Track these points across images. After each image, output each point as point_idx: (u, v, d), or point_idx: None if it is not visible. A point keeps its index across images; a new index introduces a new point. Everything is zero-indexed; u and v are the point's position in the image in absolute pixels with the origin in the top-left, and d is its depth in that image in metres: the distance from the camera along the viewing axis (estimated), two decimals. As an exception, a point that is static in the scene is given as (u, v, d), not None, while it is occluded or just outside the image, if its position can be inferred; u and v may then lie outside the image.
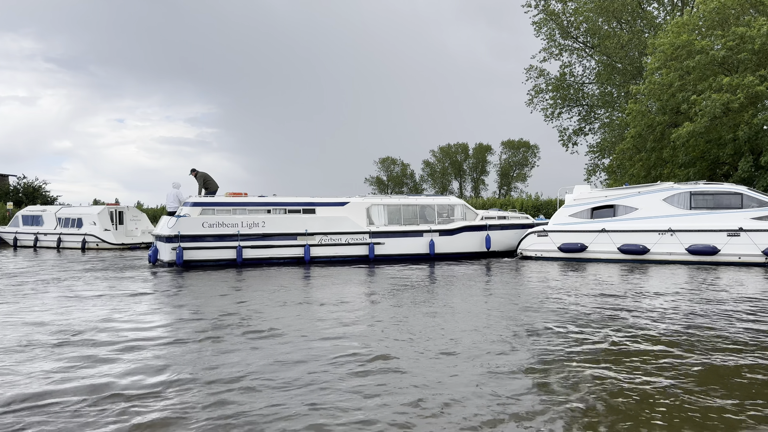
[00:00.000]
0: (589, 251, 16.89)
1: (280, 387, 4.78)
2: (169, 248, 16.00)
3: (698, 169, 23.37)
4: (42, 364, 5.53)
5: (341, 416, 4.13)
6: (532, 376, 5.06)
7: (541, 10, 32.67)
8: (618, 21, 31.90)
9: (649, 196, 16.60)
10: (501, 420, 4.04)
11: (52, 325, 7.36)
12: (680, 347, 6.05)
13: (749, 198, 15.40)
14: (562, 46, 33.49)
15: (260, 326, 7.28)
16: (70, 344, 6.33)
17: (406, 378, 5.02)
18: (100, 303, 9.25)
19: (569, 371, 5.18)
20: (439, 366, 5.38)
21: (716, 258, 15.28)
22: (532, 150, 69.34)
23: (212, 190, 17.76)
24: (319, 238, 17.20)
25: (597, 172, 33.60)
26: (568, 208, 17.88)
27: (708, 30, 22.18)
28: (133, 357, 5.79)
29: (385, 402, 4.41)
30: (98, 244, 24.66)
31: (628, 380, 4.91)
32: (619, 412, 4.18)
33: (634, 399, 4.45)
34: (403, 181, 74.86)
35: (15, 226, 27.36)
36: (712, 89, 20.78)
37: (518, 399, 4.46)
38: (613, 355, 5.77)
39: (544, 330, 6.95)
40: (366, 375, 5.11)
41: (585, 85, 34.56)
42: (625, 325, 7.24)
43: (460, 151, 72.35)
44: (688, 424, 3.97)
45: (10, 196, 37.70)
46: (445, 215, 18.73)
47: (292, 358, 5.71)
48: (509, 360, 5.58)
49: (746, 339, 6.40)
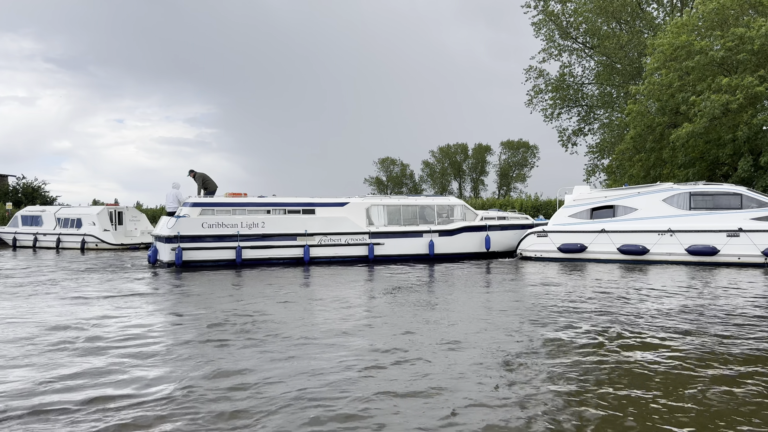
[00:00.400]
0: (589, 252, 16.89)
1: (280, 387, 4.77)
2: (169, 249, 15.98)
3: (698, 170, 23.38)
4: (40, 365, 5.52)
5: (345, 417, 4.12)
6: (532, 375, 5.05)
7: (540, 10, 32.69)
8: (617, 21, 31.92)
9: (649, 197, 16.60)
10: (502, 419, 4.03)
11: (51, 326, 7.35)
12: (680, 347, 6.04)
13: (749, 198, 15.40)
14: (561, 47, 33.51)
15: (260, 327, 7.27)
16: (69, 345, 6.31)
17: (408, 378, 5.01)
18: (99, 304, 9.24)
19: (571, 371, 5.18)
20: (443, 366, 5.37)
21: (716, 258, 15.28)
22: (532, 150, 69.43)
23: (211, 190, 17.75)
24: (319, 238, 17.19)
25: (596, 173, 33.61)
26: (567, 208, 17.88)
27: (707, 30, 22.18)
28: (132, 357, 5.78)
29: (391, 402, 4.41)
30: (97, 244, 24.64)
31: (629, 380, 4.91)
32: (621, 411, 4.18)
33: (635, 399, 4.45)
34: (403, 181, 74.90)
35: (14, 227, 27.34)
36: (712, 90, 20.79)
37: (519, 398, 4.45)
38: (614, 352, 5.76)
39: (545, 330, 6.94)
40: (368, 375, 5.11)
41: (584, 86, 34.58)
42: (625, 325, 7.24)
43: (459, 151, 72.37)
44: (688, 422, 3.96)
45: (9, 197, 37.66)
46: (445, 216, 18.73)
47: (293, 358, 5.70)
48: (510, 359, 5.57)
49: (747, 339, 6.39)
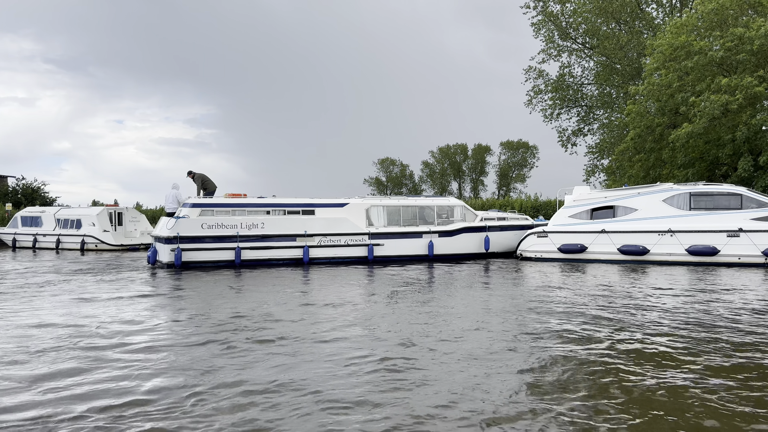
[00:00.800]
0: (589, 252, 16.88)
1: (281, 386, 4.76)
2: (168, 249, 15.96)
3: (697, 170, 23.37)
4: (39, 366, 5.51)
5: (349, 418, 4.11)
6: (532, 374, 5.04)
7: (539, 11, 32.69)
8: (617, 22, 31.92)
9: (649, 197, 16.59)
10: (504, 419, 4.02)
11: (50, 327, 7.33)
12: (681, 346, 6.03)
13: (749, 199, 15.40)
14: (560, 47, 33.51)
15: (260, 327, 7.25)
16: (68, 345, 6.30)
17: (409, 377, 5.00)
18: (98, 304, 9.22)
19: (571, 371, 5.16)
20: (444, 366, 5.36)
21: (716, 259, 15.27)
22: (531, 151, 69.45)
23: (211, 191, 17.74)
24: (318, 239, 17.18)
25: (596, 173, 33.60)
26: (567, 209, 17.87)
27: (707, 31, 22.18)
28: (131, 357, 5.77)
29: (394, 404, 4.39)
30: (97, 245, 24.61)
31: (630, 379, 4.89)
32: (622, 411, 4.17)
33: (637, 397, 4.43)
34: (403, 181, 74.88)
35: (14, 228, 27.31)
36: (711, 90, 20.78)
37: (518, 398, 4.44)
38: (615, 352, 5.75)
39: (545, 330, 6.93)
40: (371, 375, 5.09)
41: (584, 86, 34.58)
42: (625, 325, 7.23)
43: (459, 151, 72.37)
44: (689, 421, 3.95)
45: (8, 198, 37.62)
46: (445, 216, 18.72)
47: (293, 358, 5.69)
48: (510, 358, 5.56)
49: (747, 339, 6.38)
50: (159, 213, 35.36)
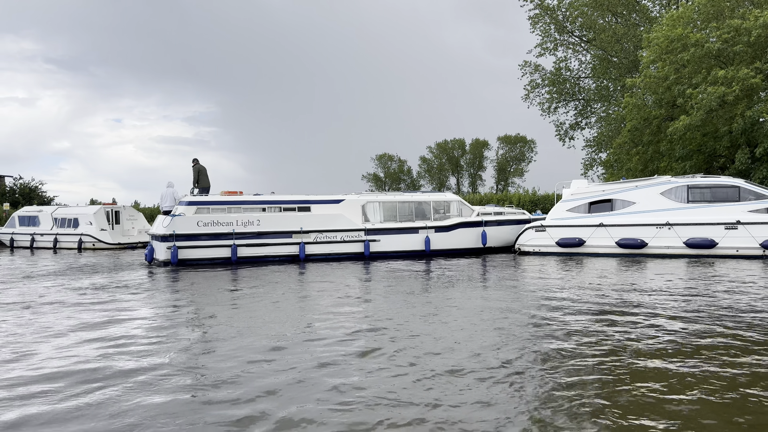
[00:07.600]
0: (588, 246, 16.86)
1: (281, 385, 4.72)
2: (165, 247, 15.92)
3: (695, 162, 23.33)
4: (37, 366, 5.46)
5: (350, 418, 4.07)
6: (532, 373, 5.00)
7: (536, 4, 32.57)
8: (613, 14, 31.81)
9: (647, 190, 16.56)
10: (505, 418, 3.98)
11: (48, 327, 7.29)
12: (682, 341, 6.00)
13: (746, 191, 15.37)
14: (557, 41, 33.38)
15: (259, 327, 7.22)
16: (66, 345, 6.25)
17: (409, 377, 4.96)
18: (94, 303, 9.17)
19: (572, 366, 5.13)
20: (445, 364, 5.32)
21: (714, 251, 15.25)
22: (529, 145, 69.39)
23: (203, 186, 17.62)
24: (315, 235, 17.14)
25: (594, 167, 33.54)
26: (565, 202, 17.84)
27: (703, 23, 22.09)
28: (130, 358, 5.72)
29: (394, 403, 4.36)
30: (95, 244, 24.56)
31: (630, 376, 4.86)
32: (623, 409, 4.13)
33: (637, 397, 4.40)
34: (401, 177, 74.79)
35: (11, 227, 27.26)
36: (708, 82, 20.71)
37: (519, 397, 4.40)
38: (614, 350, 5.72)
39: (545, 326, 6.90)
40: (371, 375, 5.06)
41: (581, 80, 34.48)
42: (625, 320, 7.20)
43: (457, 146, 72.28)
44: (689, 421, 3.92)
45: (6, 197, 37.54)
46: (441, 212, 18.69)
47: (293, 358, 5.65)
48: (510, 357, 5.52)
49: (748, 332, 6.35)
50: (156, 211, 35.29)
